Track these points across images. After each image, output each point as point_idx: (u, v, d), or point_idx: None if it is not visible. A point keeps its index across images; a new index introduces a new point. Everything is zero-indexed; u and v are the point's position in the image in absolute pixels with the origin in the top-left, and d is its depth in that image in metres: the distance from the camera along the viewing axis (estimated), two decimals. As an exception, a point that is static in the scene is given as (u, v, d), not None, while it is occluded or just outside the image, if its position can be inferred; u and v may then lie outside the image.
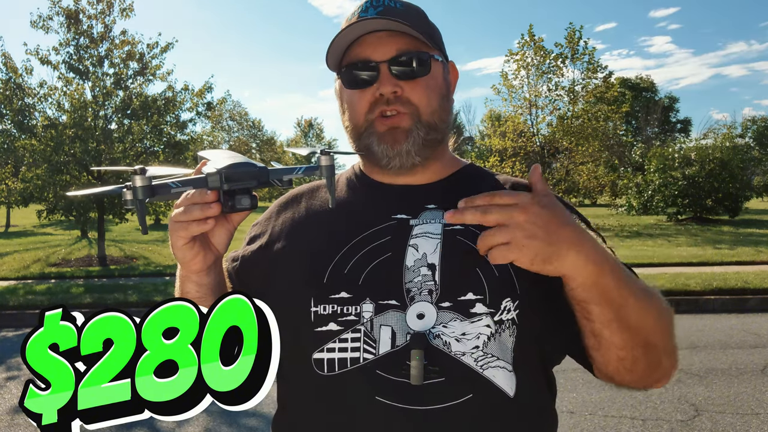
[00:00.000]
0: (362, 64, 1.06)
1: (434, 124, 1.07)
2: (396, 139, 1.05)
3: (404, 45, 1.05)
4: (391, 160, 1.07)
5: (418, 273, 1.01)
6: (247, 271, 1.16)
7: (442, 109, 1.09)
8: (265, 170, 0.93)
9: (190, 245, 0.97)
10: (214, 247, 1.01)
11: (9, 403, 4.64)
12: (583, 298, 0.90)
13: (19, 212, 28.74)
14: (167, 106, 11.87)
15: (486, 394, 0.97)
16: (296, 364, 1.03)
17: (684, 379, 4.91)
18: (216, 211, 0.92)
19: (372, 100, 1.06)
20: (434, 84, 1.08)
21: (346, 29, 1.04)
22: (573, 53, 20.06)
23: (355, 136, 1.10)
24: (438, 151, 1.11)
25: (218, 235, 1.00)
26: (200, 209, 0.92)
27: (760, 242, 13.52)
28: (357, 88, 1.07)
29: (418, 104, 1.06)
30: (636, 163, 30.57)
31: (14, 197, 12.68)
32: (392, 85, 1.04)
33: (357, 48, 1.07)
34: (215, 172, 0.91)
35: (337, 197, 1.15)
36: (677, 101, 51.38)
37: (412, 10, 1.09)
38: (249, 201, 0.93)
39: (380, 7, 1.06)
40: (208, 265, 1.01)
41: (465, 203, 0.86)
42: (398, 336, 0.98)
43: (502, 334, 0.99)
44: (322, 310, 1.02)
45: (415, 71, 1.05)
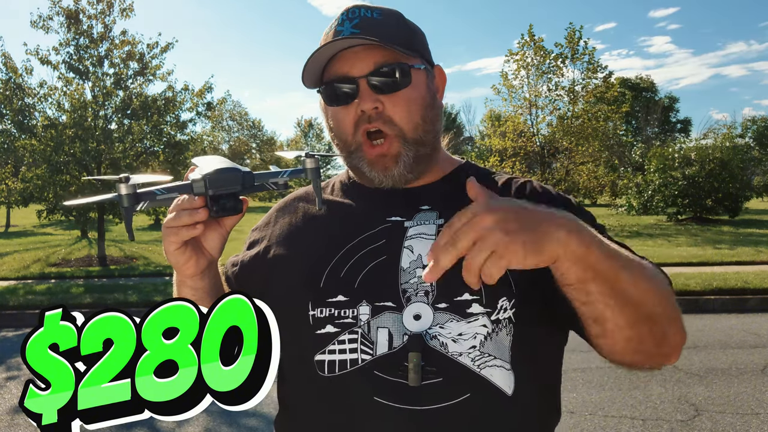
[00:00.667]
0: (341, 80, 1.06)
1: (420, 139, 1.07)
2: (386, 165, 1.06)
3: (382, 58, 1.04)
4: (383, 182, 1.08)
5: (414, 274, 1.02)
6: (247, 275, 1.17)
7: (426, 120, 1.08)
8: (250, 174, 0.96)
9: (181, 250, 0.98)
10: (207, 251, 1.02)
11: (9, 403, 4.64)
12: (578, 278, 0.84)
13: (19, 212, 28.74)
14: (167, 106, 11.88)
15: (484, 394, 0.97)
16: (298, 366, 1.04)
17: (684, 379, 4.91)
18: (203, 215, 0.94)
19: (355, 119, 1.06)
20: (416, 95, 1.07)
21: (322, 48, 1.04)
22: (573, 53, 20.06)
23: (345, 153, 1.11)
24: (431, 159, 1.12)
25: (211, 240, 1.02)
26: (188, 214, 0.94)
27: (760, 242, 13.52)
28: (339, 104, 1.08)
29: (400, 123, 1.05)
30: (636, 163, 30.57)
31: (14, 197, 12.69)
32: (372, 100, 1.04)
33: (335, 64, 1.07)
34: (200, 178, 0.94)
35: (331, 201, 1.17)
36: (677, 101, 51.43)
37: (389, 17, 1.08)
38: (234, 205, 0.95)
39: (356, 19, 1.05)
40: (201, 269, 1.02)
41: (430, 253, 0.80)
42: (395, 337, 0.99)
43: (499, 333, 0.99)
44: (320, 313, 1.03)
45: (394, 84, 1.05)
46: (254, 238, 1.21)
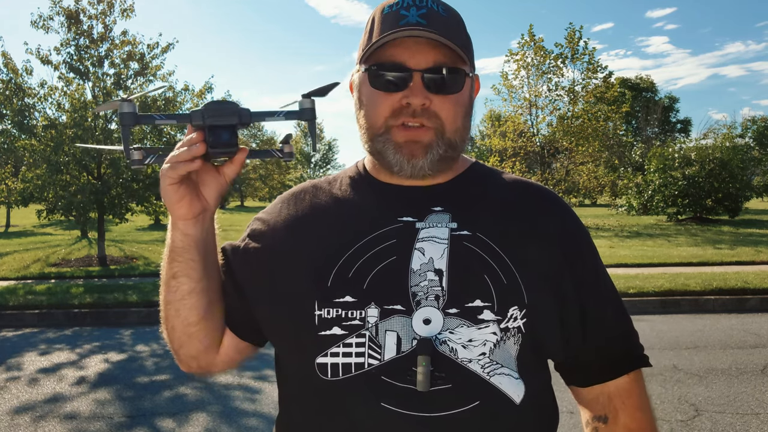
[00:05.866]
0: (395, 68, 1.01)
1: (455, 143, 1.04)
2: (414, 153, 1.02)
3: (442, 57, 1.01)
4: (402, 170, 1.04)
5: (425, 277, 0.99)
6: (247, 265, 1.13)
7: (465, 127, 1.06)
8: (247, 110, 0.96)
9: (176, 186, 0.98)
10: (203, 197, 1.01)
11: (9, 404, 4.63)
12: None
13: (19, 212, 28.75)
14: (167, 107, 11.87)
15: (493, 401, 0.96)
16: (299, 368, 1.02)
17: (684, 379, 4.91)
18: (201, 150, 0.95)
19: (396, 107, 1.02)
20: (462, 101, 1.04)
21: (388, 34, 0.99)
22: (573, 53, 20.07)
23: (370, 136, 1.06)
24: (453, 163, 1.09)
25: (208, 186, 1.01)
26: (187, 149, 0.95)
27: (760, 242, 13.52)
28: (383, 90, 1.03)
29: (444, 120, 1.02)
30: (636, 163, 30.56)
31: (14, 197, 12.67)
32: (423, 96, 1.00)
33: (392, 49, 1.02)
34: (198, 109, 0.96)
35: (341, 197, 1.13)
36: (677, 101, 51.39)
37: (453, 18, 1.05)
38: (229, 136, 0.96)
39: (423, 9, 1.01)
40: (194, 213, 1.01)
41: None
42: (404, 341, 0.96)
43: (507, 342, 0.97)
44: (326, 313, 1.00)
45: (447, 86, 1.02)
46: (257, 228, 1.16)
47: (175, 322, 1.08)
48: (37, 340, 6.65)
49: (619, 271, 9.50)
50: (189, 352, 1.12)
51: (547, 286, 1.00)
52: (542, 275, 1.01)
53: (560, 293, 1.02)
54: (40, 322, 7.44)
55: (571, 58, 20.14)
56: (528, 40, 19.69)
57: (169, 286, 1.06)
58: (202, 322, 1.08)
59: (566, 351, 1.06)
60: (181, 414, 4.36)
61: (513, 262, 1.00)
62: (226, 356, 1.15)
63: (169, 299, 1.07)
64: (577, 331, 1.05)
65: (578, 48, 20.04)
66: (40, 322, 7.44)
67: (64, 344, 6.42)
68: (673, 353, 5.61)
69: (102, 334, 6.93)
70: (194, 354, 1.12)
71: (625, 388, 1.08)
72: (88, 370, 5.47)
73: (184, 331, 1.09)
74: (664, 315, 7.33)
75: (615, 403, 1.08)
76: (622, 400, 1.08)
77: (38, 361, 5.77)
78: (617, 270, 9.60)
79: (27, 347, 6.30)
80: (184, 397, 4.71)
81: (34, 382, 5.12)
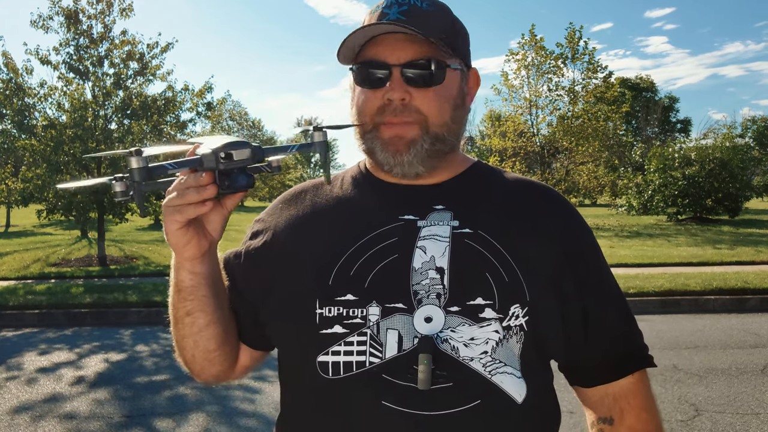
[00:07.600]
0: (375, 65, 1.03)
1: (442, 137, 1.04)
2: (398, 148, 1.02)
3: (420, 51, 1.02)
4: (393, 168, 1.04)
5: (426, 276, 0.99)
6: (249, 268, 1.13)
7: (454, 120, 1.06)
8: (260, 148, 0.92)
9: (184, 230, 0.95)
10: (208, 233, 0.99)
11: (9, 403, 4.63)
12: None
13: (19, 212, 28.75)
14: (167, 106, 11.87)
15: (494, 400, 0.96)
16: (300, 367, 1.02)
17: (684, 379, 4.91)
18: (212, 192, 0.91)
19: (381, 104, 1.03)
20: (447, 94, 1.04)
21: (365, 28, 1.01)
22: (573, 53, 20.07)
23: (361, 134, 1.07)
24: (446, 158, 1.09)
25: (213, 221, 0.99)
26: (196, 192, 0.90)
27: (760, 242, 13.52)
28: (368, 87, 1.05)
29: (427, 114, 1.02)
30: (636, 163, 30.57)
31: (14, 197, 12.67)
32: (402, 91, 1.01)
33: (374, 47, 1.04)
34: (210, 152, 0.90)
35: (342, 195, 1.13)
36: (677, 101, 51.40)
37: (439, 11, 1.06)
38: (246, 180, 0.91)
39: (405, 6, 1.02)
40: (202, 251, 0.99)
41: None
42: (405, 340, 0.96)
43: (510, 340, 0.97)
44: (327, 312, 0.99)
45: (427, 79, 1.02)
46: (257, 229, 1.16)
47: (195, 352, 1.08)
48: (37, 340, 6.65)
49: (619, 271, 9.50)
50: (210, 372, 1.13)
51: (548, 284, 0.99)
52: (544, 273, 1.01)
53: (562, 292, 1.02)
54: (40, 322, 7.44)
55: (572, 58, 20.15)
56: (529, 40, 19.69)
57: (183, 323, 1.05)
58: (221, 347, 1.09)
59: (569, 350, 1.06)
60: (181, 414, 4.36)
61: (515, 260, 1.00)
62: (242, 366, 1.18)
63: (184, 333, 1.07)
64: (579, 330, 1.05)
65: (578, 48, 20.05)
66: (40, 322, 7.44)
67: (64, 344, 6.42)
68: (673, 353, 5.61)
69: (102, 334, 6.92)
70: (215, 374, 1.14)
71: (630, 388, 1.08)
72: (87, 369, 5.47)
73: (205, 358, 1.09)
74: (664, 315, 7.33)
75: (620, 404, 1.07)
76: (628, 400, 1.07)
77: (38, 360, 5.77)
78: (617, 270, 9.60)
79: (27, 347, 6.30)
80: (183, 397, 4.71)
81: (33, 382, 5.12)
